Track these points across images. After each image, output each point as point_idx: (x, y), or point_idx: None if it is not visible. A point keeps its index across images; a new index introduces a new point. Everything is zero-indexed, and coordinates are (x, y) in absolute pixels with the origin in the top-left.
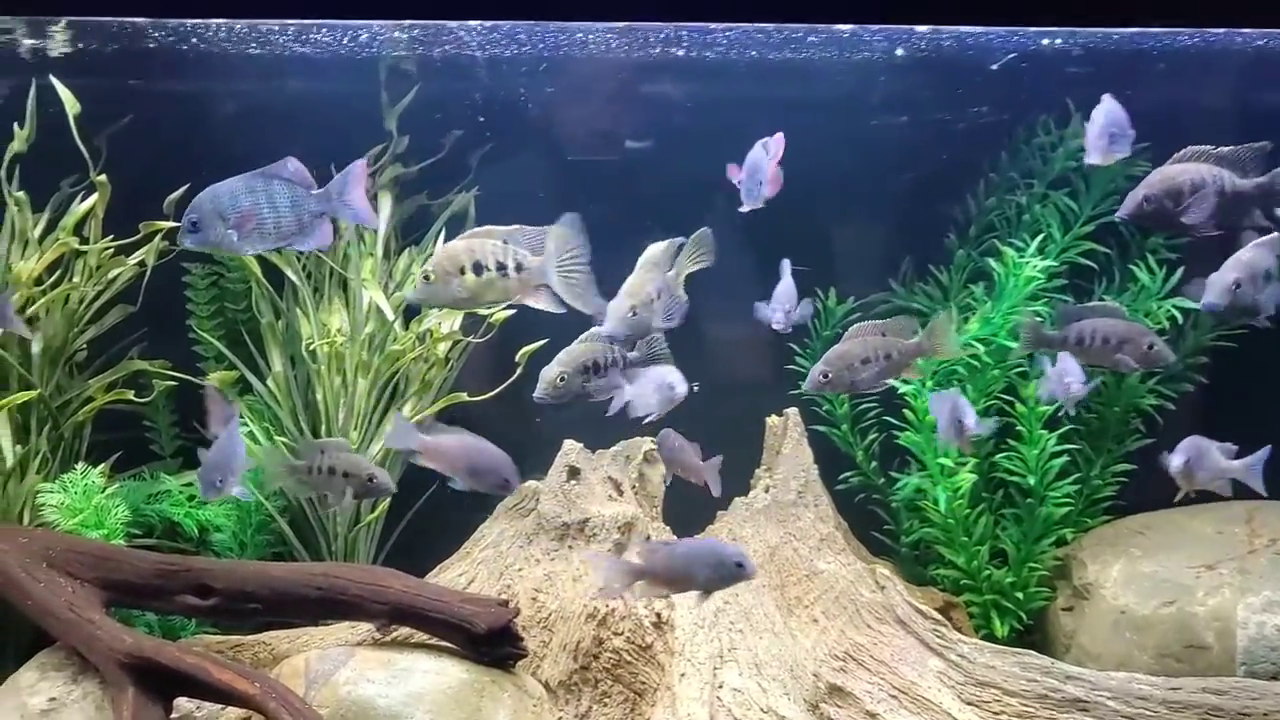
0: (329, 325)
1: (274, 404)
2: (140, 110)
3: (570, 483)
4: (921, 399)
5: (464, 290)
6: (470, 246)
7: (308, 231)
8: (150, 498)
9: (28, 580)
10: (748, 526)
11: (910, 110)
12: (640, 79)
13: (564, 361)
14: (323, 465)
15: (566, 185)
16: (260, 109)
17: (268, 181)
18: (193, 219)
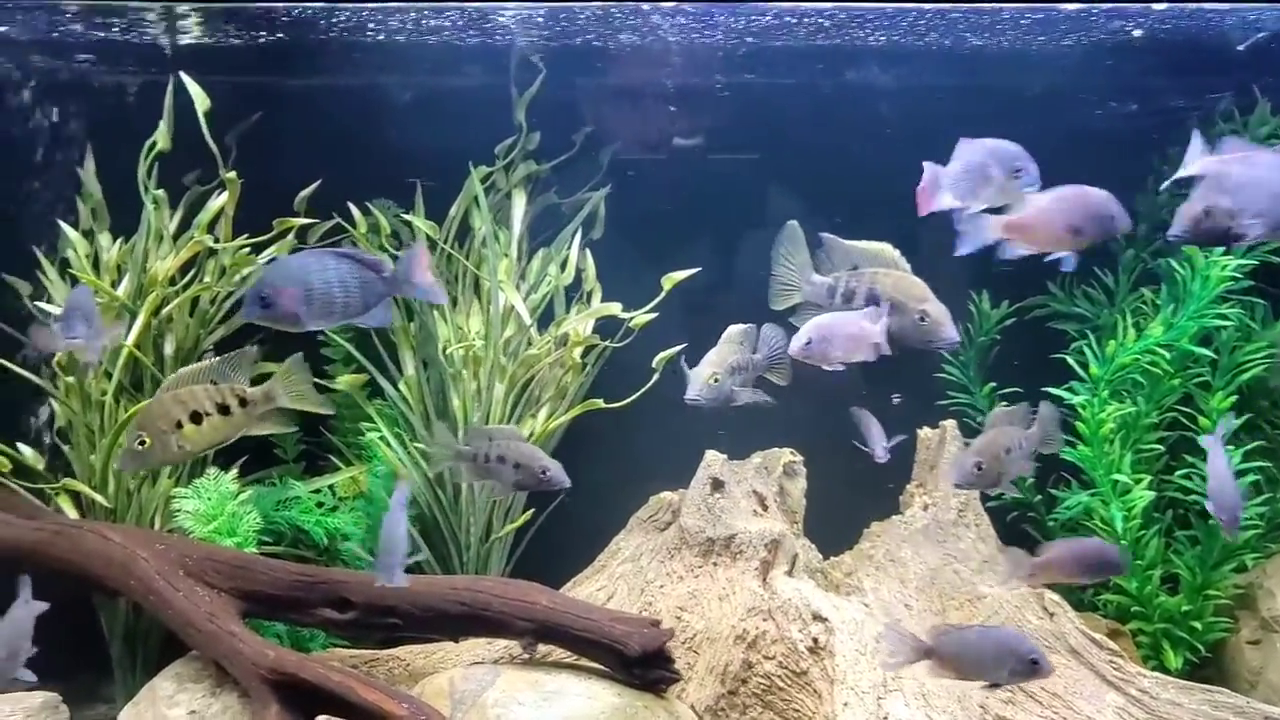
0: (465, 328)
1: (406, 409)
2: (266, 106)
3: (714, 496)
4: (1091, 409)
5: (187, 443)
6: (180, 398)
7: (373, 311)
8: (279, 504)
9: (167, 589)
10: (906, 546)
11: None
12: (839, 67)
13: (714, 362)
14: (491, 453)
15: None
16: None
17: (339, 261)
18: (264, 295)
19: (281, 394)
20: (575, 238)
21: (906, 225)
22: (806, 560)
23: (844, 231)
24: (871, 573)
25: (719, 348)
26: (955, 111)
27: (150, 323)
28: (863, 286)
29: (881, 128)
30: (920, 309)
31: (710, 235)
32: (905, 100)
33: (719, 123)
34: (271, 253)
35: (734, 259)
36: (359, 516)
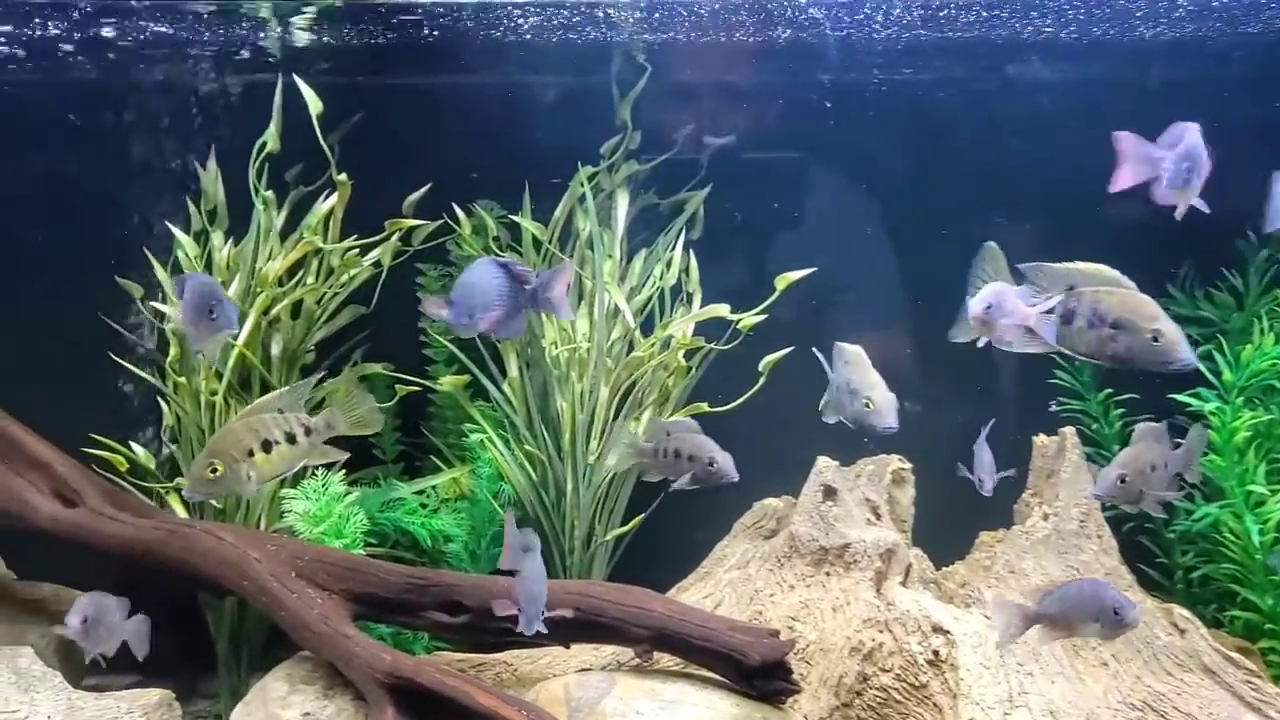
0: (570, 330)
1: (509, 410)
2: (372, 106)
3: (827, 503)
4: (1223, 417)
5: (254, 472)
6: (251, 425)
7: (512, 322)
8: (384, 505)
9: (281, 590)
10: (1027, 558)
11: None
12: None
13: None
14: (668, 448)
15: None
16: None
17: (501, 271)
18: (461, 306)
19: (341, 421)
20: (680, 237)
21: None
22: (920, 570)
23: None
24: (992, 584)
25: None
26: (1118, 105)
27: (260, 323)
28: (1084, 306)
29: (1035, 123)
30: (1153, 329)
31: (823, 236)
32: (1063, 95)
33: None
34: (378, 254)
35: (851, 261)
36: (462, 518)
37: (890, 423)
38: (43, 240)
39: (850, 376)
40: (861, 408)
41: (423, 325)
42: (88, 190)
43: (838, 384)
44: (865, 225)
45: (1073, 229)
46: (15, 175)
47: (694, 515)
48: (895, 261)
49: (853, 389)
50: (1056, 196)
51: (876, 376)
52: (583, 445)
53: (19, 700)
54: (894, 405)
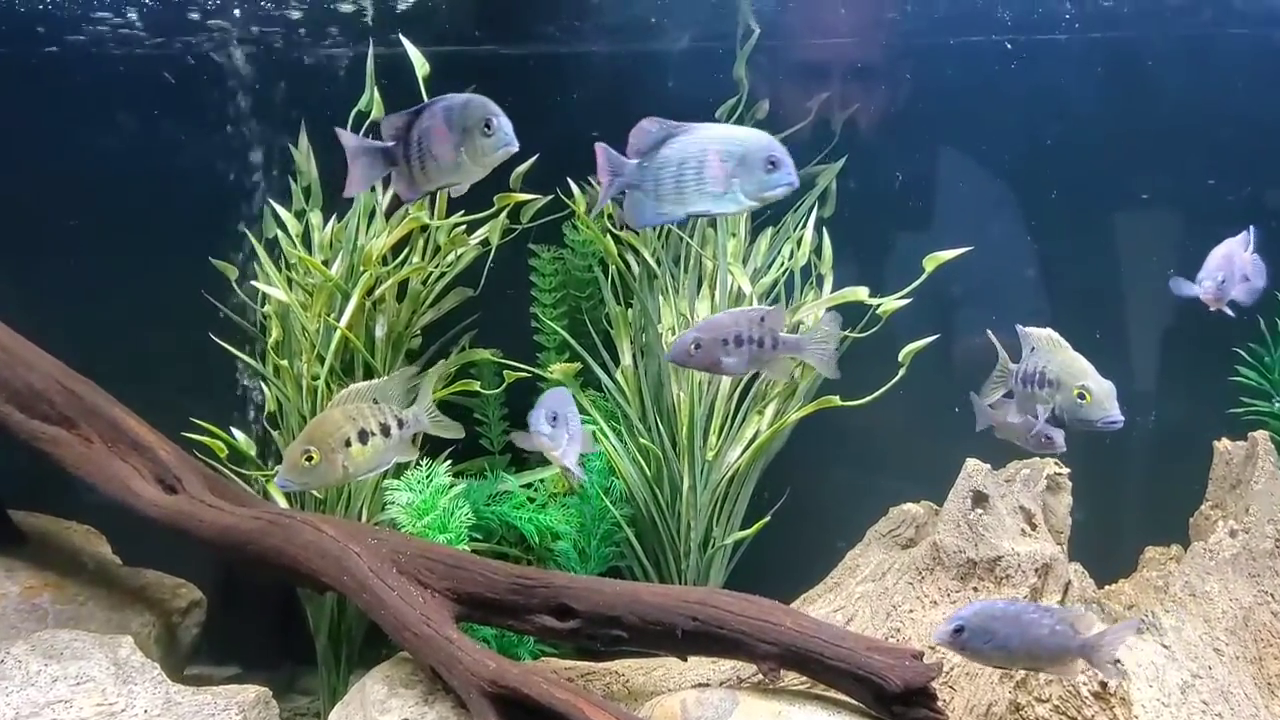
0: (690, 314)
1: (622, 400)
2: (478, 76)
3: (976, 511)
4: None
5: (350, 463)
6: (349, 414)
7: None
8: (490, 498)
9: (381, 587)
10: (1212, 579)
11: None
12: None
13: None
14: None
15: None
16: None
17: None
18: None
19: (425, 417)
20: (812, 215)
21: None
22: (1080, 589)
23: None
24: (1170, 608)
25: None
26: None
27: (363, 304)
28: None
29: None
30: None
31: (975, 212)
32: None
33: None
34: (486, 232)
35: (1008, 243)
36: (571, 514)
37: (1113, 414)
38: (143, 219)
39: (1046, 365)
40: (1072, 400)
41: (534, 310)
42: (184, 167)
43: (1024, 375)
44: (1023, 202)
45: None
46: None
47: (821, 520)
48: (1057, 244)
49: (1053, 379)
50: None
51: (1084, 361)
52: (700, 440)
53: (116, 693)
54: (1113, 393)
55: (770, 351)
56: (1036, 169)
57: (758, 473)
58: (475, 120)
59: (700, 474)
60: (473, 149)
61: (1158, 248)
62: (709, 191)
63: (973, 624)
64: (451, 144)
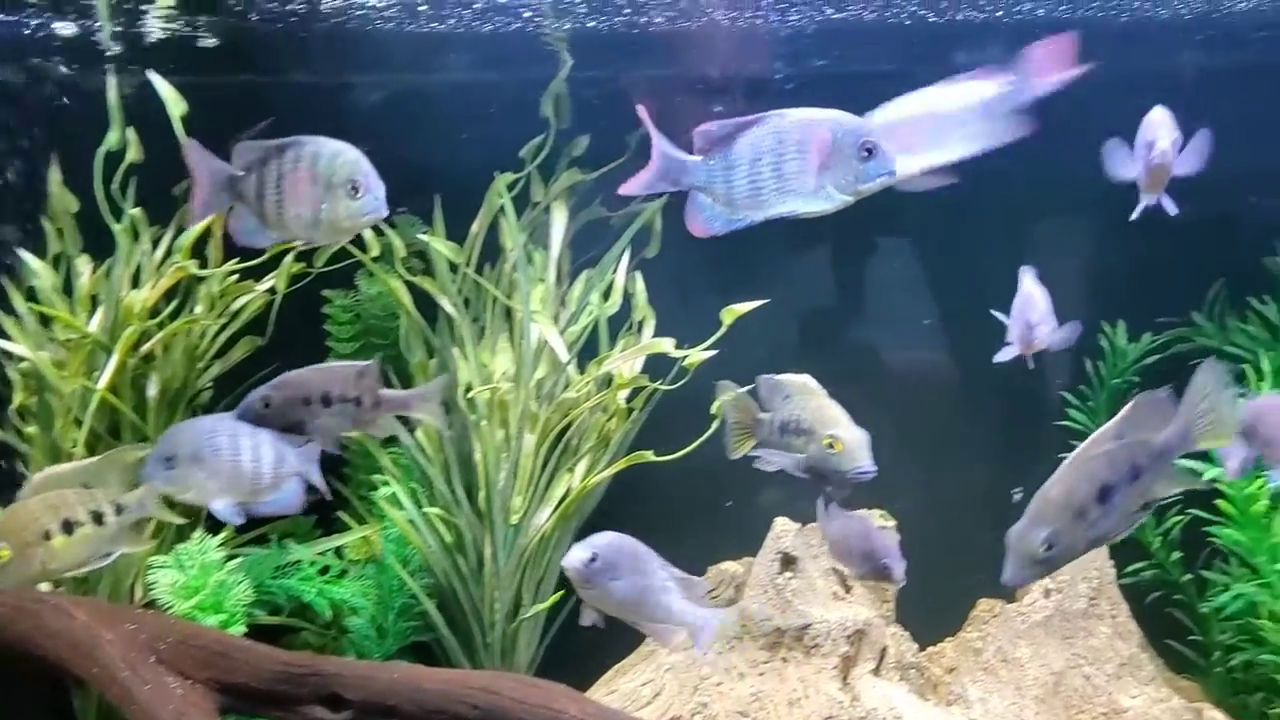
0: (491, 366)
1: (423, 459)
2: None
3: (784, 575)
4: (1238, 484)
5: (53, 560)
6: (50, 502)
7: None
8: (278, 570)
9: (133, 680)
10: (1023, 643)
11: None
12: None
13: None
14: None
15: None
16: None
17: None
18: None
19: (151, 502)
20: (623, 257)
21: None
22: (898, 653)
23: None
24: (979, 677)
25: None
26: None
27: (126, 361)
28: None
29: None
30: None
31: (804, 254)
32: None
33: None
34: (274, 280)
35: (826, 283)
36: (369, 585)
37: (865, 464)
38: None
39: (799, 413)
40: (822, 450)
41: (332, 360)
42: None
43: (778, 425)
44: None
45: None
46: None
47: None
48: (884, 283)
49: (805, 428)
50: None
51: (837, 409)
52: (501, 502)
53: None
54: (865, 443)
55: (371, 411)
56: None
57: (571, 535)
58: (341, 178)
59: (505, 539)
60: (334, 209)
61: (983, 289)
62: (792, 189)
63: (605, 555)
64: (312, 196)
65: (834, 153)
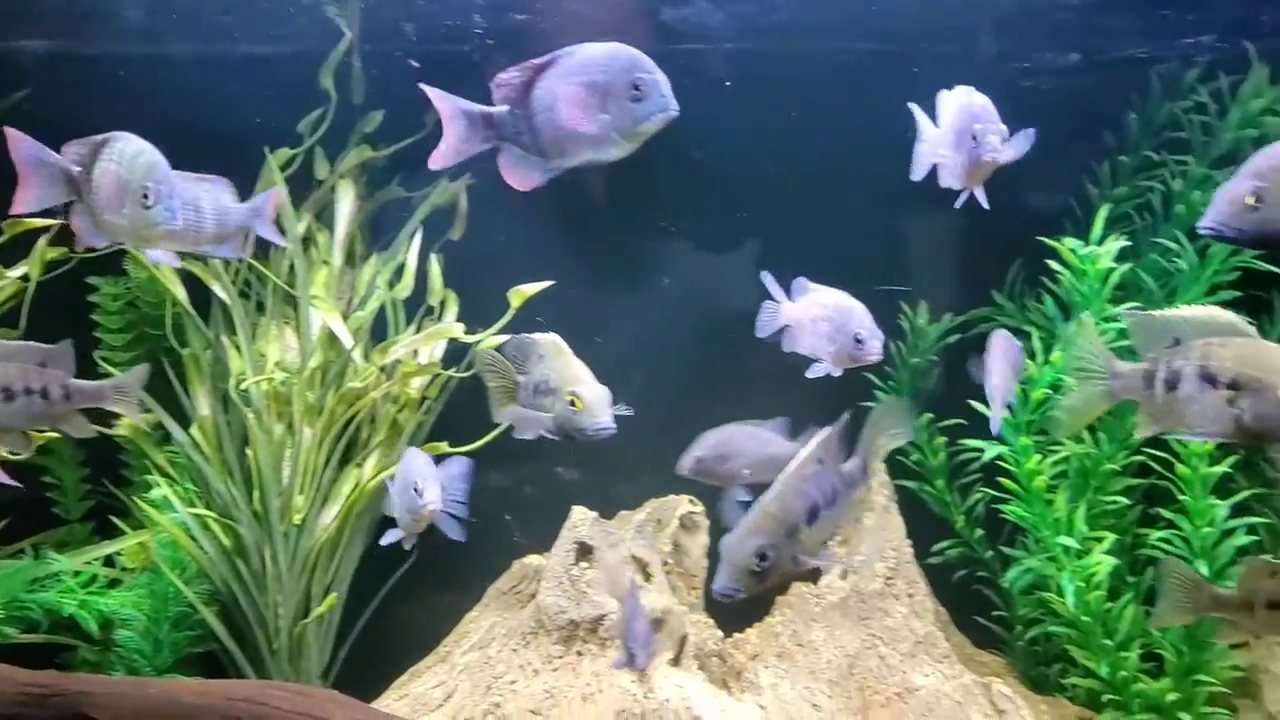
0: (269, 355)
1: (199, 457)
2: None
3: (580, 565)
4: (1018, 458)
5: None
6: None
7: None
8: (34, 584)
9: None
10: (818, 626)
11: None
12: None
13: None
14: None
15: None
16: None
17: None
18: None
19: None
20: (415, 239)
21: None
22: (700, 641)
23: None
24: (772, 662)
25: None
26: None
27: None
28: (1191, 365)
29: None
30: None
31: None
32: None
33: None
34: (22, 267)
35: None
36: (141, 596)
37: (603, 421)
38: None
39: (548, 373)
40: (566, 408)
41: (102, 353)
42: None
43: (532, 386)
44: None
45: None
46: None
47: (445, 580)
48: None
49: (552, 387)
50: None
51: (581, 367)
52: (279, 501)
53: None
54: (606, 399)
55: (62, 404)
56: (667, 190)
57: (363, 533)
58: (136, 187)
59: (287, 540)
60: (134, 216)
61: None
62: (586, 135)
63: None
64: (116, 201)
65: (607, 96)
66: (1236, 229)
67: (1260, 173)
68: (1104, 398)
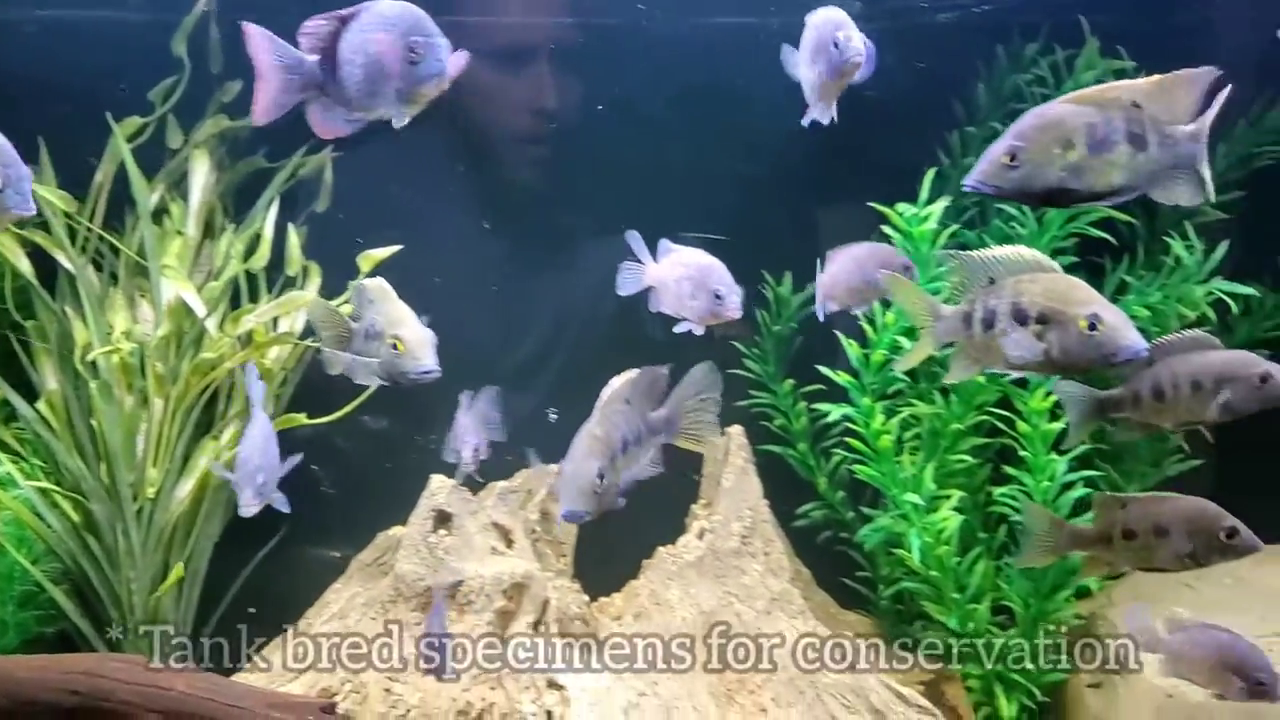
0: (117, 327)
1: (46, 432)
2: None
3: (438, 533)
4: (873, 422)
5: None
6: None
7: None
8: None
9: None
10: (674, 585)
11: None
12: None
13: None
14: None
15: None
16: None
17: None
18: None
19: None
20: (271, 210)
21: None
22: (564, 606)
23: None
24: (628, 622)
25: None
26: None
27: None
28: (1004, 303)
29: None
30: (1088, 314)
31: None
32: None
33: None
34: None
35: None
36: None
37: (426, 364)
38: None
39: (375, 318)
40: (389, 351)
41: None
42: None
43: (363, 332)
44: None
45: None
46: None
47: (318, 552)
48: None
49: (379, 331)
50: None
51: (405, 310)
52: (129, 475)
53: None
54: (429, 342)
55: None
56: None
57: (222, 507)
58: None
59: (140, 515)
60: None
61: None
62: (382, 94)
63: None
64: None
65: (391, 55)
66: (996, 185)
67: (1020, 133)
68: (930, 341)
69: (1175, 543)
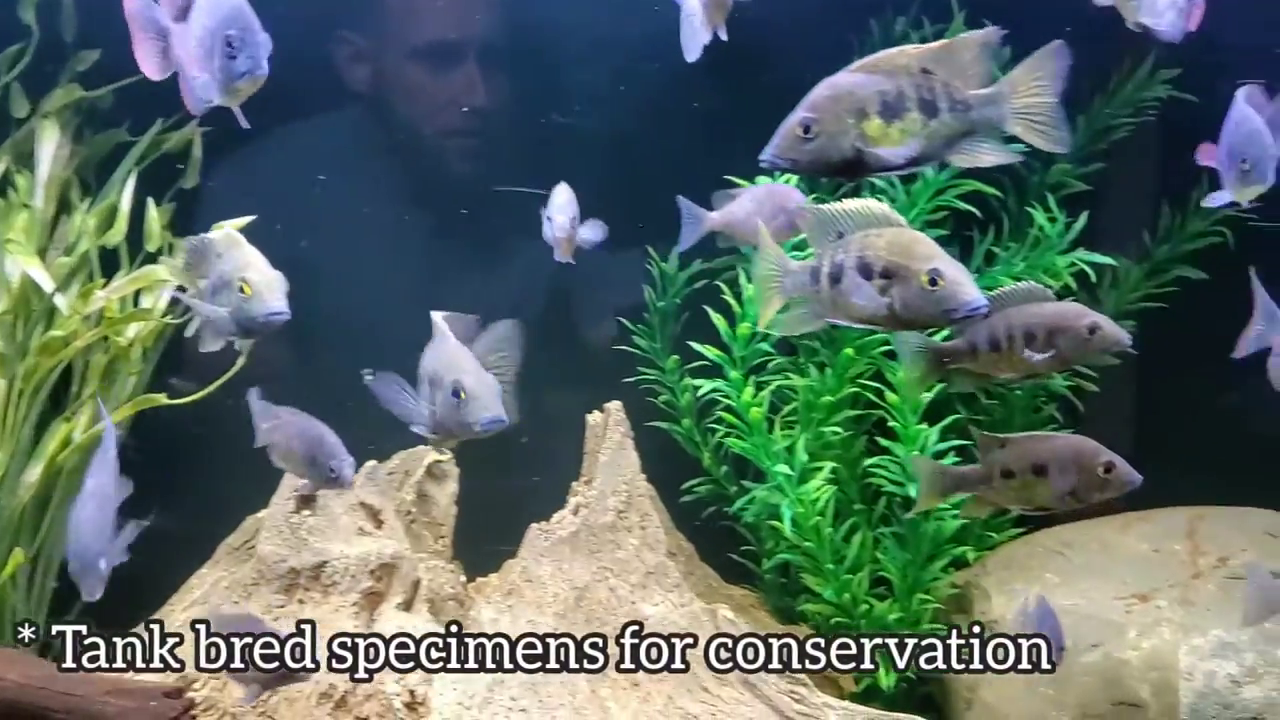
0: None
1: None
2: None
3: (301, 514)
4: (743, 395)
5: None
6: None
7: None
8: None
9: None
10: (546, 561)
11: None
12: None
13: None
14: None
15: None
16: None
17: None
18: None
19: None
20: (128, 183)
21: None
22: (437, 586)
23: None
24: (496, 599)
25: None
26: None
27: None
28: (850, 258)
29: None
30: (929, 269)
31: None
32: None
33: None
34: None
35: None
36: None
37: (274, 306)
38: None
39: (225, 268)
40: (238, 297)
41: None
42: None
43: (210, 289)
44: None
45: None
46: None
47: (187, 538)
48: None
49: (227, 280)
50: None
51: (256, 254)
52: None
53: None
54: (279, 286)
55: None
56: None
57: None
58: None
59: None
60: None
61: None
62: (216, 80)
63: None
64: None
65: (212, 44)
66: (792, 159)
67: (812, 105)
68: (777, 295)
69: (1055, 480)
